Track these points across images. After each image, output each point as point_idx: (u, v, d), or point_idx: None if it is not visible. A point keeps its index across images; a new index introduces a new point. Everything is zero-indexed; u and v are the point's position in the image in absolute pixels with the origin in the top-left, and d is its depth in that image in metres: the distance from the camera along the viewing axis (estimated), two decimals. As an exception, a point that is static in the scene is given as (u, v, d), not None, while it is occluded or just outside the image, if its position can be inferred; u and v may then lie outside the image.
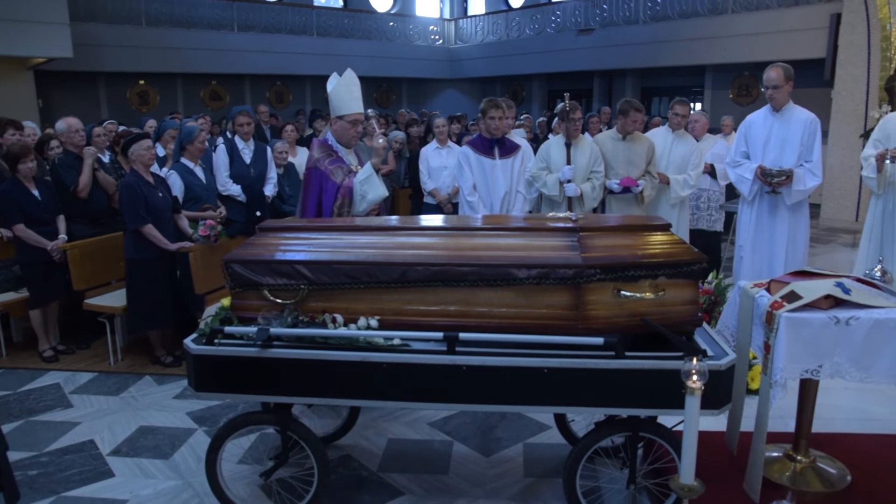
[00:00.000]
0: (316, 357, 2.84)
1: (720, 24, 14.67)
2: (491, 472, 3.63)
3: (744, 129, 5.33)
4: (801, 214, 5.25)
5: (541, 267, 2.80)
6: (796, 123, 5.08)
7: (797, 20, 12.98)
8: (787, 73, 5.02)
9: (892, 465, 3.57)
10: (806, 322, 2.97)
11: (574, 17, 18.15)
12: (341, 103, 4.25)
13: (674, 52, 15.57)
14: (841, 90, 10.89)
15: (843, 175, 10.76)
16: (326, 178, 4.11)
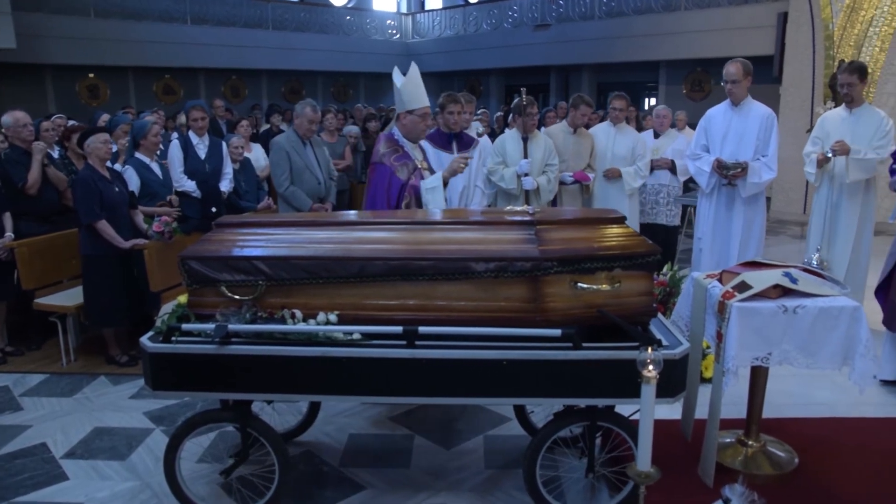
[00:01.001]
0: (275, 353, 2.83)
1: (673, 20, 14.94)
2: (452, 465, 3.65)
3: (704, 122, 5.43)
4: (757, 207, 5.36)
5: (499, 260, 2.83)
6: (754, 118, 5.20)
7: (746, 18, 13.29)
8: (745, 68, 5.12)
9: (836, 447, 3.70)
10: (756, 311, 3.07)
11: (531, 13, 18.29)
12: (412, 98, 4.32)
13: (628, 48, 15.81)
14: (788, 86, 11.19)
15: (792, 169, 11.02)
16: (392, 174, 4.19)
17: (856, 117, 5.23)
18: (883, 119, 5.16)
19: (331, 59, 19.44)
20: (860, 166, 5.08)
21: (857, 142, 5.10)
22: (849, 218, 5.28)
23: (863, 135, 5.11)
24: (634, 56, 15.92)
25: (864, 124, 5.15)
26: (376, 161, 4.30)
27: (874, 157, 5.04)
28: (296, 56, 18.65)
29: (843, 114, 5.32)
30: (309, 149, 5.62)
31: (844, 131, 5.18)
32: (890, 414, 4.16)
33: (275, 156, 5.53)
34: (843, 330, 3.06)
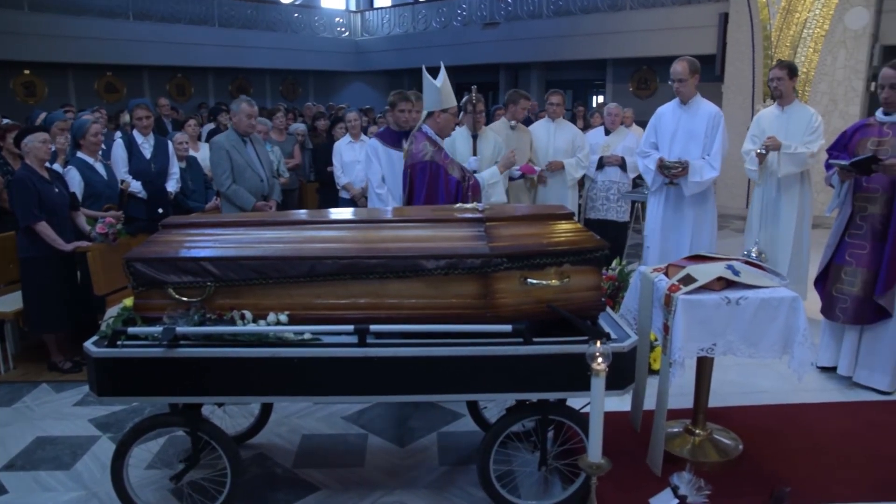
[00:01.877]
0: (225, 355, 2.78)
1: (619, 20, 15.20)
2: (406, 463, 3.66)
3: (654, 120, 5.49)
4: (706, 204, 5.40)
5: (449, 257, 2.85)
6: (702, 116, 5.23)
7: (689, 18, 13.60)
8: (692, 66, 5.17)
9: (777, 433, 3.84)
10: (700, 303, 3.16)
11: (479, 11, 18.37)
12: (448, 97, 4.50)
13: (576, 47, 16.02)
14: (730, 85, 11.50)
15: (734, 165, 11.30)
16: (444, 171, 4.34)
17: (787, 115, 5.34)
18: (812, 115, 5.28)
19: (279, 56, 19.19)
20: (791, 160, 5.21)
21: (790, 138, 5.23)
22: (787, 213, 5.41)
23: (795, 131, 5.25)
24: (582, 54, 16.14)
25: (796, 121, 5.28)
26: (426, 160, 4.38)
27: (804, 151, 5.16)
28: (243, 54, 18.35)
29: (776, 111, 5.43)
30: (250, 146, 5.54)
31: (778, 128, 5.30)
32: (827, 399, 4.32)
33: (215, 155, 5.44)
34: (783, 320, 3.17)
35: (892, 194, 4.17)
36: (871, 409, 4.17)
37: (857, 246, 4.37)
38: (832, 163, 4.38)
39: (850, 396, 4.35)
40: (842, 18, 10.08)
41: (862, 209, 4.35)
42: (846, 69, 10.22)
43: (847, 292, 4.39)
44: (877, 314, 4.28)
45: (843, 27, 10.13)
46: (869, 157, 4.10)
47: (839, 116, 10.15)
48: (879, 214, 4.26)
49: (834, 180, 4.45)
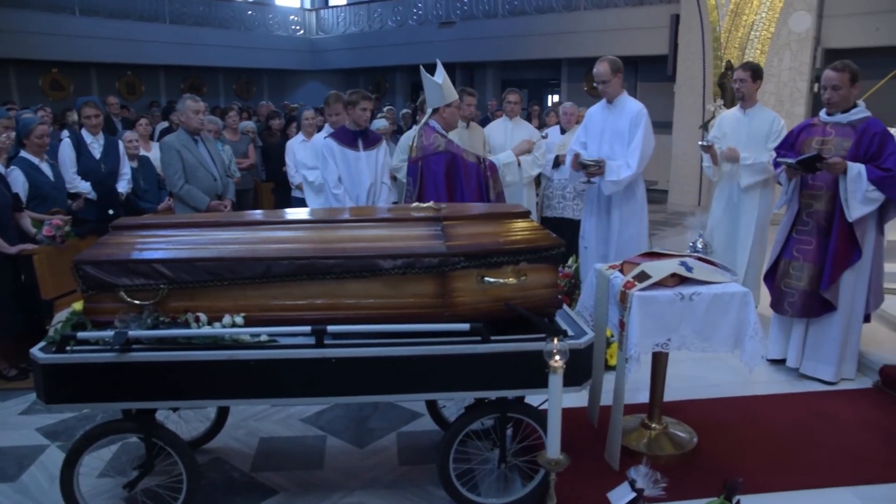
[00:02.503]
0: (179, 358, 2.73)
1: (573, 20, 15.37)
2: (366, 464, 3.64)
3: (585, 120, 5.45)
4: (634, 204, 5.23)
5: (406, 257, 2.85)
6: (626, 115, 5.11)
7: (642, 19, 13.82)
8: (613, 66, 5.07)
9: (730, 425, 3.94)
10: (655, 300, 3.22)
11: (435, 10, 18.38)
12: (449, 92, 4.77)
13: (531, 46, 16.14)
14: (682, 85, 11.73)
15: (687, 163, 11.61)
16: (461, 158, 4.58)
17: (749, 118, 5.39)
18: (774, 119, 5.32)
19: (232, 54, 18.89)
20: (751, 171, 5.29)
21: (752, 141, 5.29)
22: (748, 213, 5.46)
23: (757, 134, 5.31)
24: (537, 54, 16.28)
25: (758, 124, 5.34)
26: (441, 151, 4.60)
27: (763, 161, 5.21)
28: (195, 51, 18.01)
29: (738, 114, 5.48)
30: (201, 145, 5.46)
31: (740, 131, 5.37)
32: (777, 391, 4.44)
33: (165, 155, 5.35)
34: (734, 314, 3.26)
35: (835, 191, 4.31)
36: (817, 399, 4.30)
37: (804, 242, 4.50)
38: (780, 161, 4.50)
39: (797, 387, 4.48)
40: (786, 22, 10.37)
41: (808, 206, 4.48)
42: (791, 71, 10.51)
43: (795, 287, 4.52)
44: (823, 307, 4.42)
45: (788, 30, 10.42)
46: (813, 155, 4.23)
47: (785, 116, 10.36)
48: (824, 211, 4.40)
49: (782, 178, 4.58)
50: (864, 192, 4.17)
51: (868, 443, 3.75)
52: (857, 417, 4.05)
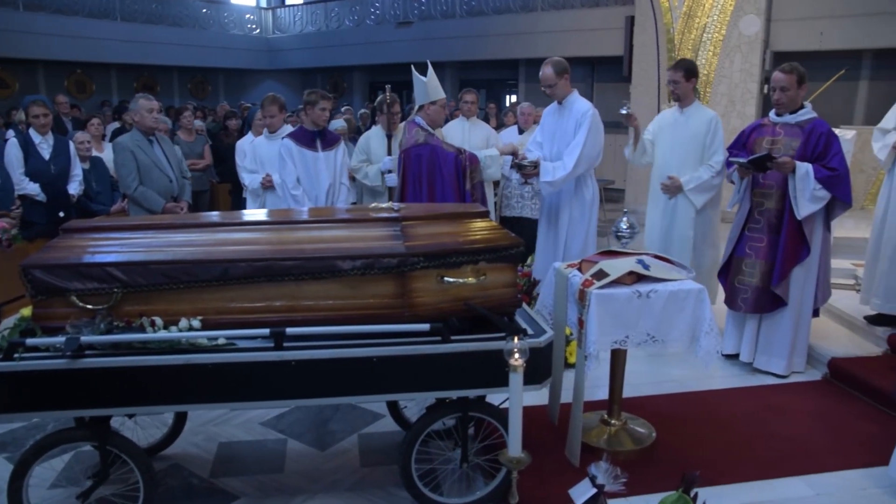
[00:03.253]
0: (135, 364, 2.67)
1: (530, 20, 15.48)
2: (327, 466, 3.61)
3: (542, 120, 5.44)
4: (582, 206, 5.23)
5: (365, 257, 2.83)
6: (573, 115, 5.11)
7: (598, 20, 13.99)
8: (558, 67, 5.04)
9: (687, 419, 4.02)
10: (613, 297, 3.26)
11: (393, 10, 18.33)
12: (434, 91, 4.91)
13: (489, 47, 16.22)
14: (637, 85, 11.90)
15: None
16: (440, 149, 4.78)
17: (686, 117, 5.06)
18: (712, 119, 4.99)
19: (187, 53, 18.55)
20: (698, 192, 4.97)
21: (691, 141, 4.99)
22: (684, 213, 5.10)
23: (695, 134, 4.99)
24: (495, 54, 16.36)
25: (696, 124, 5.00)
26: (420, 143, 4.82)
27: (707, 177, 4.92)
28: (148, 49, 17.62)
29: (676, 114, 5.18)
30: (156, 146, 5.35)
31: (678, 131, 5.08)
32: (731, 385, 4.55)
33: (119, 156, 5.22)
34: (690, 311, 3.33)
35: (785, 190, 4.42)
36: (770, 393, 4.42)
37: (756, 239, 4.61)
38: (732, 160, 4.60)
39: (751, 381, 4.59)
40: (737, 24, 10.61)
41: (759, 204, 4.59)
42: (742, 72, 10.76)
43: (748, 283, 4.63)
44: (774, 303, 4.53)
45: (739, 33, 10.66)
46: (764, 155, 4.34)
47: (737, 116, 10.67)
48: (775, 209, 4.51)
49: (734, 177, 4.68)
50: (811, 190, 4.29)
51: (817, 433, 3.87)
52: (808, 409, 4.17)
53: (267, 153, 5.74)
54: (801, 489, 3.34)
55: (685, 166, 5.03)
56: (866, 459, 3.55)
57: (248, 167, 5.95)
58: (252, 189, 5.87)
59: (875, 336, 4.90)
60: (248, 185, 5.91)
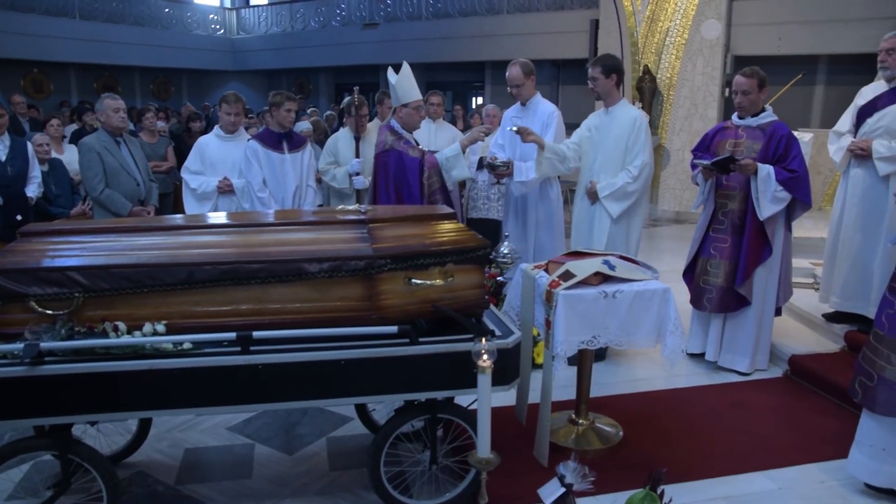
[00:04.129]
0: (97, 370, 2.62)
1: (496, 23, 15.57)
2: (296, 471, 3.58)
3: (503, 122, 5.52)
4: (546, 203, 5.30)
5: (332, 260, 2.82)
6: (538, 117, 5.18)
7: (563, 23, 14.12)
8: (525, 68, 5.12)
9: (654, 417, 4.07)
10: (580, 298, 3.29)
11: (359, 12, 18.28)
12: (405, 93, 4.72)
13: (455, 48, 16.26)
14: (602, 87, 12.04)
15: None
16: (406, 155, 4.62)
17: (611, 118, 4.77)
18: (636, 119, 4.71)
19: (149, 53, 18.25)
20: (613, 199, 4.71)
21: (615, 140, 4.72)
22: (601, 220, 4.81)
23: (619, 135, 4.71)
24: (461, 56, 16.41)
25: (619, 124, 4.73)
26: (385, 149, 4.69)
27: (622, 184, 4.65)
28: (108, 49, 17.28)
29: (602, 114, 4.88)
30: (124, 147, 5.24)
31: (603, 132, 4.81)
32: (697, 383, 4.62)
33: (85, 158, 5.10)
34: (656, 310, 3.37)
35: (748, 192, 4.51)
36: (734, 390, 4.50)
37: (720, 240, 4.69)
38: (696, 163, 4.68)
39: (715, 379, 4.67)
40: (699, 29, 10.81)
41: (723, 206, 4.68)
42: (704, 76, 10.96)
43: (713, 283, 4.70)
44: (738, 302, 4.62)
45: (700, 37, 10.86)
46: (727, 157, 4.42)
47: (700, 119, 10.87)
48: (738, 210, 4.60)
49: (698, 178, 4.76)
50: (773, 192, 4.39)
51: (779, 429, 3.96)
52: (770, 406, 4.26)
53: (219, 154, 5.36)
54: (764, 483, 3.41)
55: (608, 170, 4.74)
56: (825, 453, 3.64)
57: (192, 168, 5.39)
58: (202, 192, 5.33)
59: (833, 333, 5.02)
60: (196, 187, 5.33)
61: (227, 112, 5.45)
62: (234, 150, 5.35)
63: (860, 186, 4.71)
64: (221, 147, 5.41)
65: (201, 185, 5.33)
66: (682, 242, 5.73)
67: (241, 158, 5.26)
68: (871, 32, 8.57)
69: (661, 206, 11.30)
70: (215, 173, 5.35)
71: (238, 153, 5.29)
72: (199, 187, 5.33)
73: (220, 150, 5.39)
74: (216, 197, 5.34)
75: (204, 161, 5.38)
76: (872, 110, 4.64)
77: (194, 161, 5.41)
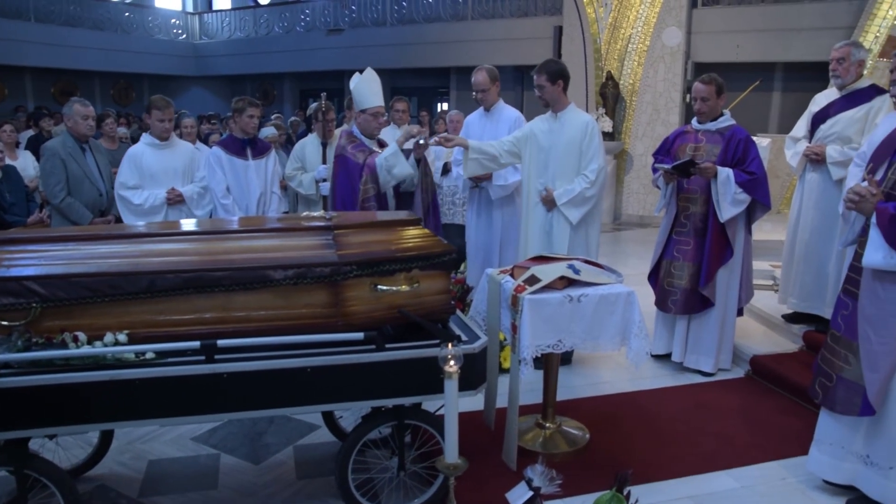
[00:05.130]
0: (56, 382, 2.56)
1: (461, 29, 15.63)
2: (262, 480, 3.54)
3: (464, 129, 5.55)
4: (511, 207, 5.35)
5: (297, 267, 2.80)
6: (503, 122, 5.26)
7: (527, 29, 14.23)
8: (491, 74, 5.22)
9: (620, 419, 4.11)
10: (545, 302, 3.32)
11: (323, 17, 18.19)
12: (363, 98, 4.57)
13: (420, 54, 16.28)
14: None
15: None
16: (350, 161, 4.51)
17: (561, 123, 4.67)
18: (588, 124, 4.65)
19: (108, 58, 17.90)
20: (572, 206, 4.62)
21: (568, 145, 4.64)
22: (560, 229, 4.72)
23: (570, 141, 4.63)
24: (426, 62, 16.43)
25: (570, 130, 4.64)
26: (337, 154, 4.60)
27: (580, 189, 4.57)
28: (66, 53, 16.91)
29: (550, 120, 4.75)
30: (89, 155, 5.11)
31: (553, 138, 4.69)
32: (662, 384, 4.68)
33: (47, 163, 4.95)
34: (620, 314, 3.41)
35: (709, 195, 4.59)
36: (698, 390, 4.57)
37: (683, 242, 4.77)
38: (657, 167, 4.75)
39: (680, 380, 4.74)
40: (660, 36, 11.00)
41: (685, 209, 4.75)
42: (665, 82, 11.15)
43: (677, 285, 4.78)
44: (702, 304, 4.70)
45: (662, 44, 11.05)
46: (687, 161, 4.50)
47: (661, 124, 11.05)
48: (700, 213, 4.68)
49: (660, 182, 4.83)
50: (733, 194, 4.48)
51: (741, 428, 4.03)
52: (732, 406, 4.34)
53: (157, 164, 5.07)
54: (727, 482, 3.46)
55: (563, 176, 4.65)
56: (786, 451, 3.72)
57: (129, 183, 5.03)
58: (149, 207, 5.03)
59: (792, 333, 5.14)
60: (142, 202, 5.02)
61: (160, 118, 5.09)
62: (171, 157, 5.12)
63: (815, 190, 4.84)
64: (158, 156, 5.10)
65: (147, 200, 5.03)
66: (646, 246, 5.81)
67: (181, 166, 5.13)
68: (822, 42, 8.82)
69: (625, 211, 11.45)
70: (156, 185, 5.06)
71: (177, 161, 5.12)
72: (144, 202, 5.03)
73: (158, 160, 5.09)
74: (165, 210, 5.07)
75: (142, 174, 5.05)
76: (826, 117, 4.79)
77: (130, 175, 5.04)
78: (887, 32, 8.85)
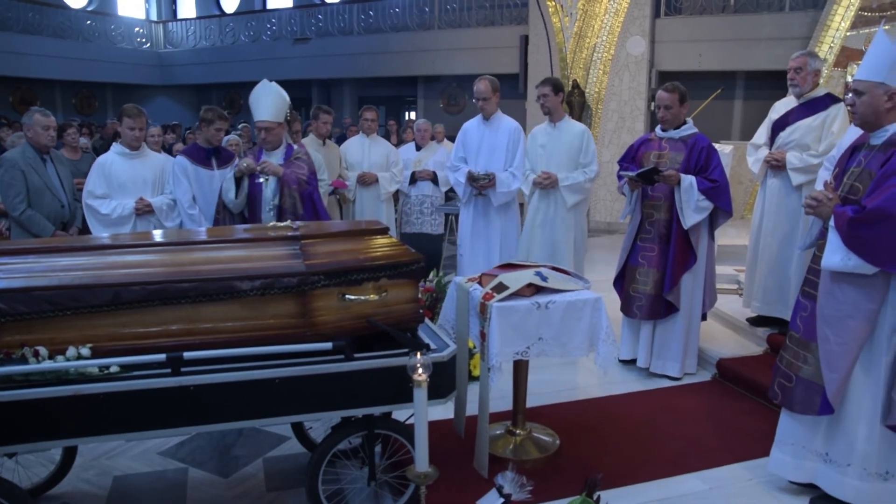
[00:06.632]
0: (16, 398, 2.50)
1: (428, 38, 15.68)
2: (231, 493, 3.50)
3: (461, 135, 5.70)
4: (510, 213, 5.64)
5: (264, 277, 2.78)
6: (503, 131, 5.50)
7: (494, 39, 14.34)
8: (493, 85, 5.45)
9: (589, 425, 4.14)
10: (513, 309, 3.34)
11: (290, 26, 18.12)
12: (252, 109, 4.78)
13: (387, 63, 16.29)
14: (533, 102, 12.21)
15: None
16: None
17: (559, 131, 5.33)
18: (584, 132, 5.32)
19: (69, 66, 17.56)
20: (571, 191, 5.27)
21: (566, 152, 5.31)
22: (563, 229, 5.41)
23: (570, 146, 5.31)
24: (393, 71, 16.45)
25: (569, 137, 5.32)
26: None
27: (582, 179, 5.27)
28: (24, 61, 16.53)
29: (549, 128, 5.41)
30: (50, 166, 5.00)
31: (554, 144, 5.35)
32: (630, 389, 4.73)
33: (7, 174, 4.83)
34: (588, 320, 3.44)
35: (672, 202, 4.67)
36: (666, 395, 4.63)
37: (648, 249, 4.83)
38: (622, 174, 4.81)
39: (648, 385, 4.79)
40: (624, 45, 11.16)
41: (649, 215, 4.82)
42: (630, 90, 11.32)
43: (642, 291, 4.84)
44: (667, 309, 4.76)
45: (626, 53, 11.22)
46: (651, 168, 4.57)
47: (627, 132, 11.21)
48: (664, 220, 4.75)
49: (625, 189, 4.90)
50: (695, 201, 4.56)
51: (709, 431, 4.09)
52: (699, 409, 4.40)
53: (127, 174, 4.95)
54: (696, 485, 3.51)
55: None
56: (752, 452, 3.78)
57: (98, 192, 4.92)
58: (117, 217, 4.92)
59: (756, 336, 5.23)
60: (109, 212, 4.91)
61: (131, 127, 4.96)
62: (142, 167, 5.02)
63: (776, 196, 4.95)
64: (128, 166, 4.99)
65: (115, 210, 4.92)
66: (613, 252, 5.86)
67: (151, 176, 5.04)
68: (781, 51, 9.06)
69: (592, 217, 11.56)
70: (125, 195, 4.96)
71: (147, 170, 5.03)
72: (112, 212, 4.92)
73: (128, 170, 4.98)
74: (133, 220, 4.97)
75: (111, 183, 4.93)
76: (785, 124, 4.91)
77: (98, 184, 4.93)
78: (840, 43, 9.12)
